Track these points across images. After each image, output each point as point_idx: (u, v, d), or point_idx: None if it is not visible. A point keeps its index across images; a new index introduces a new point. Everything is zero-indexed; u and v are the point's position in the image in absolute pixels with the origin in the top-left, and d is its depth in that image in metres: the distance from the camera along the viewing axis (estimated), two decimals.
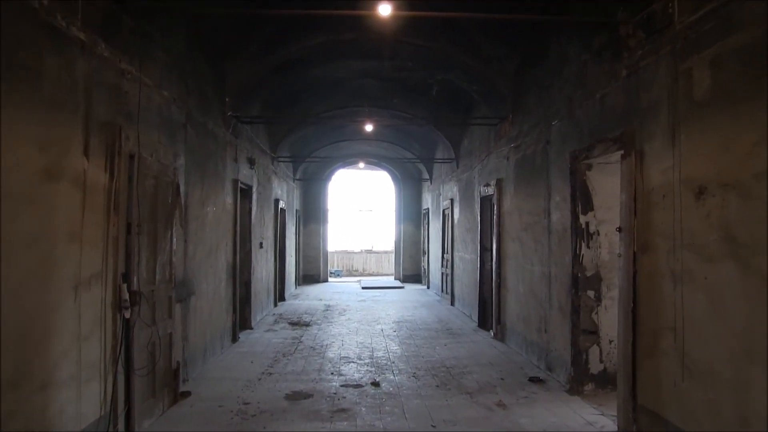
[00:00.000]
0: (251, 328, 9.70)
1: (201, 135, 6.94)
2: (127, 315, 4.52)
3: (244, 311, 9.66)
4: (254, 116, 9.45)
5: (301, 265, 18.91)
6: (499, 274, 8.85)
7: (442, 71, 9.54)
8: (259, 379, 6.42)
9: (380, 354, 7.85)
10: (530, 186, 7.48)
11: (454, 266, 13.03)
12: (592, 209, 5.91)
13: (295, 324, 10.41)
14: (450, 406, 5.42)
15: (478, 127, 10.55)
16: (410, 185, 20.33)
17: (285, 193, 14.59)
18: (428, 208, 17.65)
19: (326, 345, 8.47)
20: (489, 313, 9.76)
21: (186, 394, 5.78)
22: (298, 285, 17.90)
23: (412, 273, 20.12)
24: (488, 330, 9.51)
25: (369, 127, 11.51)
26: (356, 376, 6.64)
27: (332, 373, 6.74)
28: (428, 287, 17.38)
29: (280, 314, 11.61)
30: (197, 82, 6.73)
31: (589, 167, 5.91)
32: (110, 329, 4.37)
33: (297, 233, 17.68)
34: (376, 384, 6.23)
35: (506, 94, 8.36)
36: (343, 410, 5.33)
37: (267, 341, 8.71)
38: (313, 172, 19.64)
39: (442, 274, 14.61)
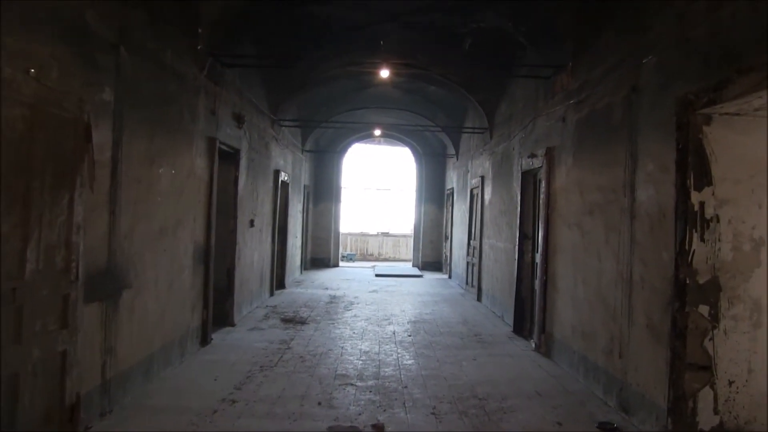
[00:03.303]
0: (233, 326, 7.86)
1: (150, 67, 5.04)
2: None
3: (224, 305, 7.82)
4: (240, 54, 7.46)
5: (309, 248, 17.04)
6: (545, 270, 6.85)
7: (482, 11, 7.48)
8: (215, 412, 4.55)
9: (389, 371, 5.94)
10: (600, 152, 5.46)
11: (483, 255, 11.02)
12: (710, 183, 3.90)
13: (288, 321, 8.53)
14: None
15: (521, 88, 8.50)
16: (433, 161, 18.23)
17: (290, 164, 12.67)
18: (453, 188, 15.59)
19: (320, 354, 6.58)
20: (528, 317, 7.78)
21: None
22: (305, 270, 16.02)
23: (432, 260, 18.12)
24: (527, 339, 7.54)
25: (386, 75, 9.49)
26: (352, 410, 4.73)
27: (320, 404, 4.84)
28: (450, 277, 15.40)
29: (274, 306, 9.75)
30: None
31: (708, 120, 3.89)
32: None
33: (305, 211, 15.75)
34: (378, 428, 4.32)
35: (566, 33, 6.31)
36: None
37: (247, 345, 6.85)
38: (326, 144, 17.68)
39: (468, 263, 12.61)
